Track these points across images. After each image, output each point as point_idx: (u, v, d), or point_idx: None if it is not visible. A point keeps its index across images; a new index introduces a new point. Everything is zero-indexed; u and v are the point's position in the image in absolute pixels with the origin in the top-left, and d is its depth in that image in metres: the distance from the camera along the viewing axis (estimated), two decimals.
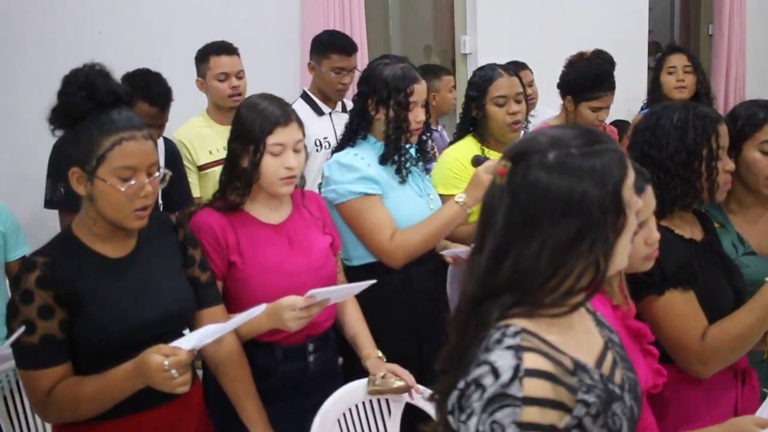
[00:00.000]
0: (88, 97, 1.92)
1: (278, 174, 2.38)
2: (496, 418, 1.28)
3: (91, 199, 1.97)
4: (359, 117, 2.86)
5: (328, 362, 2.59)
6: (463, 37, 5.78)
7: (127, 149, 1.92)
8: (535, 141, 1.42)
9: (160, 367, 1.79)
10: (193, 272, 2.21)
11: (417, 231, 2.75)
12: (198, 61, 3.79)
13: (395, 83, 2.74)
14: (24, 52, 3.93)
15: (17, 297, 1.93)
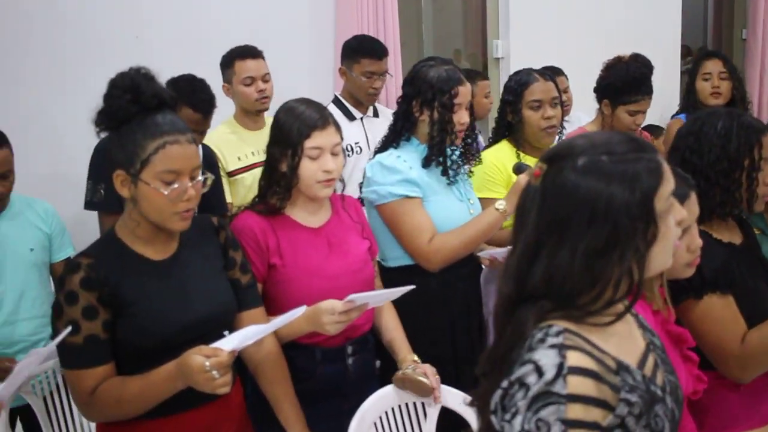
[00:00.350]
0: (133, 100, 1.94)
1: (316, 177, 2.39)
2: (541, 415, 1.29)
3: (134, 201, 1.99)
4: (403, 118, 2.87)
5: (366, 365, 2.60)
6: (495, 41, 5.77)
7: (171, 153, 1.93)
8: (571, 144, 1.44)
9: (201, 368, 1.80)
10: (234, 274, 2.23)
11: (456, 235, 2.76)
12: (223, 67, 3.78)
13: (440, 85, 2.75)
14: (63, 56, 3.98)
15: (62, 298, 1.95)
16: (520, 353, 1.37)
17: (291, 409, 2.28)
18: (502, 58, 5.75)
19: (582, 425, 1.30)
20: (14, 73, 3.84)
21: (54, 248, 3.19)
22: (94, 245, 2.11)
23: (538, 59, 4.12)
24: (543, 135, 3.16)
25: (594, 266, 1.37)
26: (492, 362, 1.44)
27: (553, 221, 1.40)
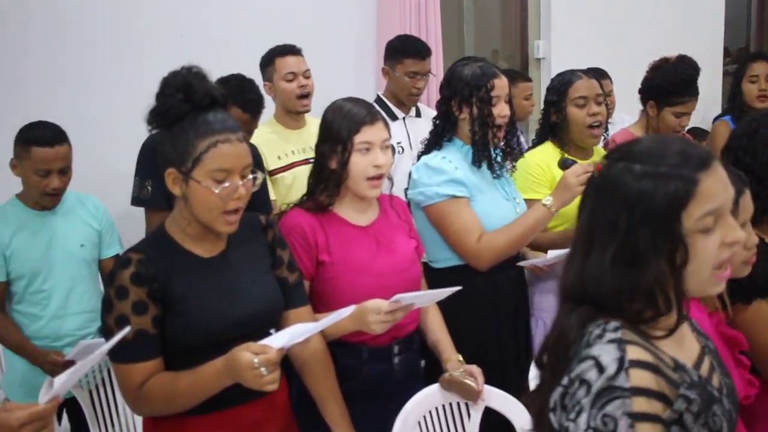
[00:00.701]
0: (185, 99, 1.95)
1: (367, 172, 2.40)
2: (607, 411, 1.29)
3: (185, 199, 2.00)
4: (444, 119, 2.89)
5: (412, 364, 2.60)
6: (536, 41, 5.76)
7: (222, 152, 1.94)
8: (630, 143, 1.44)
9: (250, 365, 1.80)
10: (282, 273, 2.23)
11: (503, 233, 2.77)
12: (263, 66, 3.79)
13: (475, 81, 2.78)
14: (110, 54, 4.03)
15: (112, 292, 1.96)
16: (577, 350, 1.36)
17: (336, 407, 2.27)
18: (543, 59, 5.73)
19: (647, 418, 1.29)
20: (63, 72, 3.89)
21: (103, 245, 3.24)
22: (144, 241, 2.13)
23: (579, 59, 4.10)
24: (588, 134, 3.13)
25: (622, 276, 1.36)
26: (549, 352, 1.45)
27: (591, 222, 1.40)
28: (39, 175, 2.95)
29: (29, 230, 3.04)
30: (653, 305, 1.38)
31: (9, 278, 3.03)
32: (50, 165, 2.95)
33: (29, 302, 3.06)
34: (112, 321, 1.95)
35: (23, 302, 3.06)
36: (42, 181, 2.95)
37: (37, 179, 2.95)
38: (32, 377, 3.01)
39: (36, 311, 3.06)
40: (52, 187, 2.97)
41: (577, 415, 1.31)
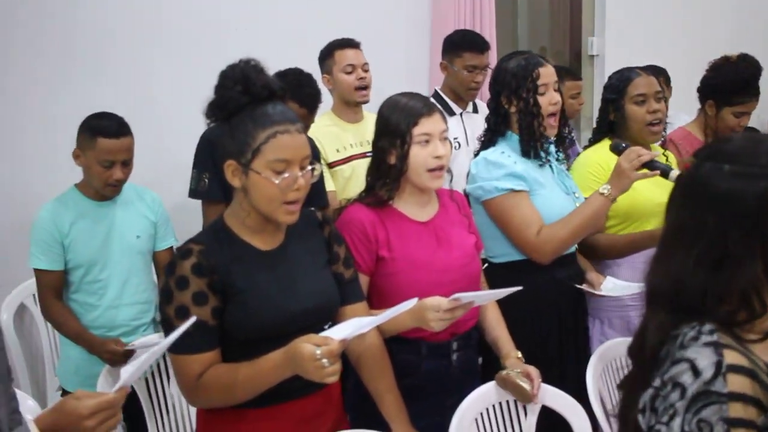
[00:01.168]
0: (244, 91, 1.95)
1: (427, 164, 2.39)
2: (703, 416, 1.27)
3: (245, 191, 2.01)
4: (495, 115, 2.90)
5: (470, 361, 2.60)
6: (590, 38, 5.71)
7: (282, 142, 1.94)
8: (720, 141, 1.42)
9: (312, 356, 1.80)
10: (338, 269, 2.24)
11: (563, 225, 2.76)
12: (322, 59, 3.82)
13: (520, 72, 2.80)
14: (166, 48, 4.06)
15: (172, 283, 1.97)
16: (670, 350, 1.34)
17: (394, 402, 2.27)
18: (596, 56, 5.68)
19: (743, 424, 1.27)
20: (122, 65, 3.93)
21: (158, 237, 3.27)
22: (203, 233, 2.14)
23: (635, 57, 4.05)
24: (648, 131, 3.09)
25: (711, 277, 1.34)
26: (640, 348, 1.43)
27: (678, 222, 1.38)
28: (103, 165, 2.98)
29: (88, 220, 3.08)
30: (747, 307, 1.36)
31: (67, 267, 3.07)
32: (114, 156, 2.98)
33: (86, 292, 3.09)
34: (171, 311, 1.96)
35: (80, 291, 3.10)
36: (105, 172, 2.99)
37: (100, 170, 2.99)
38: (87, 366, 3.05)
39: (92, 301, 3.09)
40: (114, 178, 3.00)
41: (670, 419, 1.29)
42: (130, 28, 3.95)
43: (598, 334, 3.13)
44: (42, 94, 3.74)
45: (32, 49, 3.71)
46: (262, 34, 4.23)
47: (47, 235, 3.02)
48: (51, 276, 3.05)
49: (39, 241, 3.03)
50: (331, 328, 1.93)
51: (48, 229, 3.02)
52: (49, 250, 3.02)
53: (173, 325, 1.94)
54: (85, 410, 1.58)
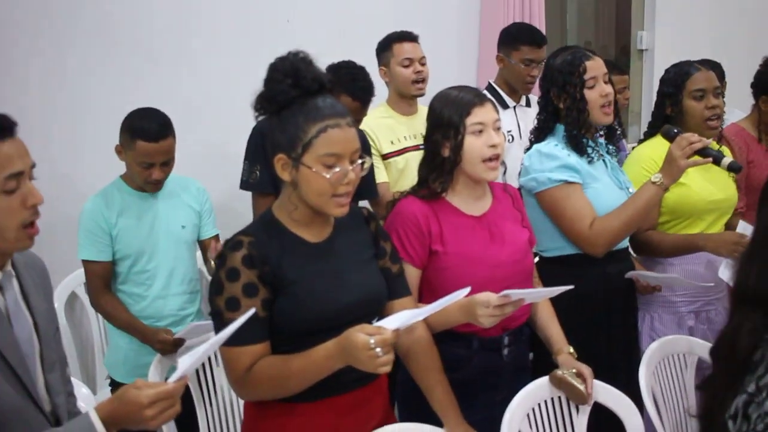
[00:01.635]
0: (294, 84, 1.94)
1: (483, 153, 2.37)
2: None
3: (294, 185, 2.00)
4: (544, 111, 2.91)
5: (520, 356, 2.58)
6: (639, 32, 5.66)
7: (333, 136, 1.94)
8: None
9: (366, 345, 1.79)
10: (385, 263, 2.23)
11: (616, 216, 2.73)
12: (380, 51, 3.83)
13: (566, 68, 2.80)
14: (217, 40, 4.08)
15: (223, 274, 1.97)
16: (765, 355, 1.31)
17: (444, 395, 2.25)
18: (645, 50, 5.61)
19: None
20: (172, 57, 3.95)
21: (203, 226, 3.28)
22: (253, 225, 2.14)
23: (686, 51, 4.00)
24: (706, 126, 3.06)
25: None
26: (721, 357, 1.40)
27: None
28: (142, 166, 2.99)
29: (134, 211, 3.10)
30: None
31: (114, 258, 3.09)
32: (153, 158, 2.98)
33: (134, 282, 3.12)
34: (222, 303, 1.97)
35: (128, 282, 3.12)
36: (144, 171, 3.00)
37: (139, 169, 3.00)
38: (136, 356, 3.09)
39: (140, 291, 3.12)
40: (153, 178, 3.01)
41: (765, 428, 1.26)
42: (180, 21, 3.98)
43: (648, 330, 3.11)
44: (92, 86, 3.77)
45: (86, 43, 3.75)
46: (312, 26, 4.25)
47: (95, 226, 3.04)
48: (99, 267, 3.07)
49: (87, 233, 3.05)
50: (380, 320, 1.91)
51: (95, 220, 3.04)
52: (97, 241, 3.04)
53: (224, 316, 1.96)
54: (145, 399, 1.60)
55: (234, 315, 1.91)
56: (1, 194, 1.68)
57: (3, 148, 1.69)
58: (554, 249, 2.83)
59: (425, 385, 2.27)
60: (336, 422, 2.09)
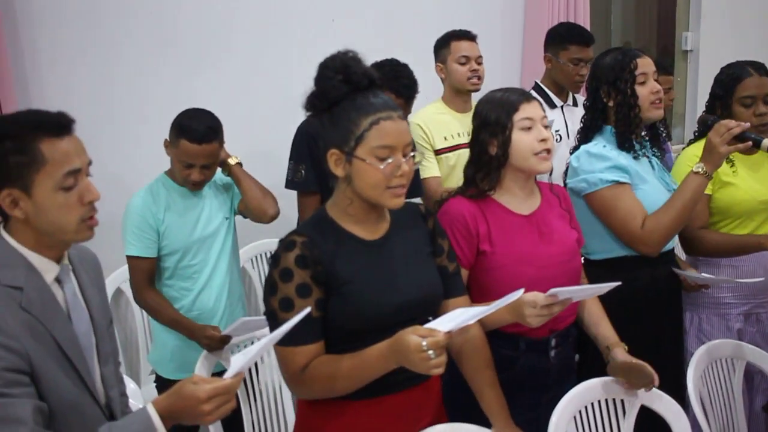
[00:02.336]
0: (345, 80, 1.95)
1: (533, 148, 2.36)
2: None
3: (348, 180, 2.00)
4: (592, 110, 2.90)
5: (567, 358, 2.57)
6: (684, 33, 5.60)
7: (385, 129, 1.94)
8: None
9: (418, 347, 1.78)
10: (442, 261, 2.22)
11: (665, 212, 2.72)
12: (438, 48, 3.86)
13: (618, 64, 2.81)
14: (263, 39, 4.10)
15: (277, 275, 1.97)
16: None
17: (495, 397, 2.24)
18: (691, 51, 5.56)
19: None
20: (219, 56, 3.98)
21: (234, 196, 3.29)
22: (306, 224, 2.14)
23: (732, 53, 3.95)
24: None
25: None
26: None
27: None
28: (182, 165, 3.01)
29: (179, 206, 3.12)
30: None
31: (161, 254, 3.11)
32: (194, 160, 3.00)
33: (181, 277, 3.14)
34: (276, 303, 1.97)
35: (175, 277, 3.14)
36: (185, 170, 3.02)
37: (180, 167, 3.03)
38: (182, 352, 3.11)
39: (187, 286, 3.14)
40: (192, 179, 3.04)
41: None
42: (225, 21, 4.00)
43: (696, 331, 3.09)
44: (139, 84, 3.81)
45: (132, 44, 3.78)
46: (357, 25, 4.26)
47: (142, 223, 3.06)
48: (145, 263, 3.09)
49: (134, 229, 3.07)
50: (434, 320, 1.90)
51: (143, 216, 3.06)
52: (143, 237, 3.06)
53: (277, 316, 1.96)
54: (203, 394, 1.61)
55: (288, 315, 1.92)
56: (60, 191, 1.72)
57: (61, 145, 1.73)
58: (602, 252, 2.81)
59: (475, 385, 2.27)
60: (388, 421, 2.09)
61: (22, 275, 1.73)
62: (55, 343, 1.73)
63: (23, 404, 1.61)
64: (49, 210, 1.72)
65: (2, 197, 1.71)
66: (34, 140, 1.69)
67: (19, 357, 1.64)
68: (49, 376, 1.70)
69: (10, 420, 1.59)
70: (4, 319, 1.65)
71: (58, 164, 1.71)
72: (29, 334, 1.68)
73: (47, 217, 1.73)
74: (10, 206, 1.72)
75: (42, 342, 1.70)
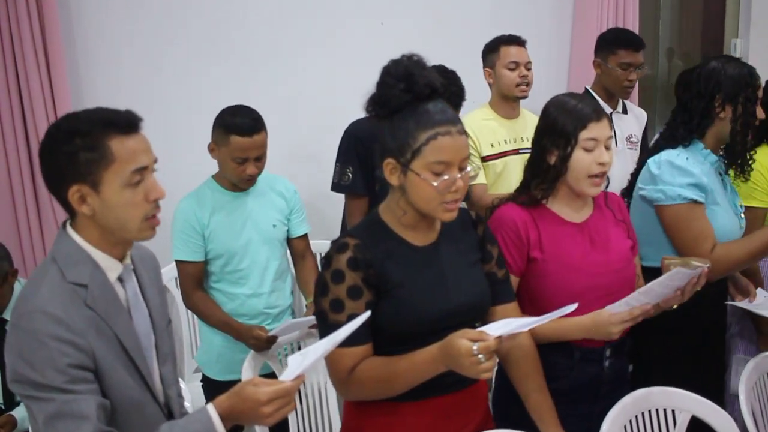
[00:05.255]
0: (406, 89, 1.93)
1: (590, 170, 2.33)
2: None
3: (402, 189, 2.00)
4: (701, 116, 2.75)
5: (621, 368, 2.55)
6: (733, 40, 5.54)
7: (442, 144, 1.92)
8: None
9: (468, 351, 1.78)
10: (491, 268, 2.21)
11: (741, 246, 2.68)
12: (487, 52, 3.81)
13: (743, 79, 2.70)
14: (310, 42, 4.12)
15: (328, 276, 1.98)
16: None
17: (543, 402, 2.23)
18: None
19: None
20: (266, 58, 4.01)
21: (292, 225, 3.29)
22: (359, 227, 2.15)
23: None
24: None
25: None
26: None
27: None
28: (236, 162, 3.01)
29: (226, 211, 3.12)
30: None
31: (207, 258, 3.12)
32: (247, 153, 3.00)
33: (227, 281, 3.15)
34: (327, 304, 1.98)
35: (222, 281, 3.16)
36: (238, 167, 3.02)
37: (234, 165, 3.02)
38: (229, 354, 3.12)
39: (234, 290, 3.15)
40: (248, 173, 3.04)
41: None
42: (273, 23, 4.03)
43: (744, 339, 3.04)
44: (185, 87, 3.86)
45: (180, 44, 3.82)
46: (405, 29, 4.27)
47: (188, 227, 3.08)
48: (192, 267, 3.11)
49: (180, 233, 3.09)
50: (483, 326, 1.89)
51: (188, 220, 3.08)
52: (190, 241, 3.08)
53: (327, 317, 1.97)
54: (263, 396, 1.63)
55: (338, 317, 1.94)
56: (127, 187, 1.74)
57: (129, 143, 1.75)
58: (654, 260, 2.72)
59: (523, 391, 2.26)
60: (435, 423, 2.09)
61: (87, 272, 1.75)
62: (118, 341, 1.76)
63: (87, 400, 1.64)
64: (116, 206, 1.74)
65: (71, 193, 1.73)
66: (103, 137, 1.72)
67: (85, 354, 1.67)
68: (112, 373, 1.73)
69: (74, 416, 1.61)
70: (70, 316, 1.68)
71: (126, 161, 1.73)
72: (94, 331, 1.71)
73: (114, 214, 1.75)
74: (78, 202, 1.74)
75: (106, 339, 1.73)
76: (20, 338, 1.66)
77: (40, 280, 1.73)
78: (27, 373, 1.63)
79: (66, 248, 1.78)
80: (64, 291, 1.71)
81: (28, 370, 1.63)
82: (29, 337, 1.64)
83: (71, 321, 1.67)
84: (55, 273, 1.73)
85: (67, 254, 1.77)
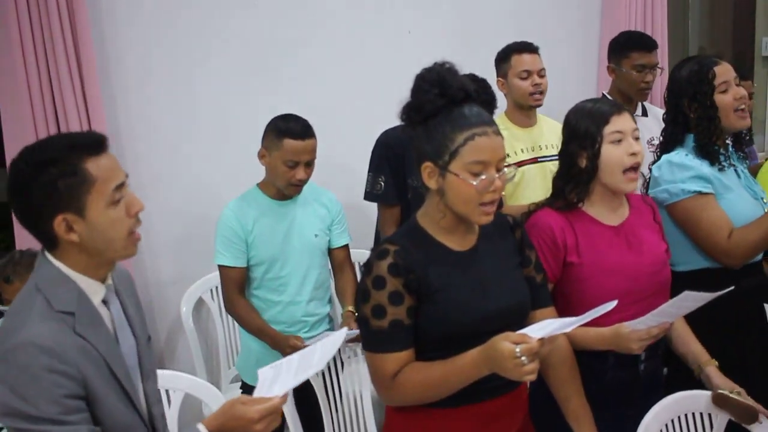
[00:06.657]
0: (441, 94, 1.96)
1: (623, 162, 2.35)
2: None
3: (441, 193, 2.01)
4: (674, 123, 2.85)
5: (656, 371, 2.54)
6: (764, 38, 5.51)
7: (480, 145, 1.95)
8: None
9: (511, 354, 1.79)
10: (530, 272, 2.23)
11: (756, 228, 2.67)
12: (499, 61, 3.74)
13: (694, 76, 2.76)
14: (339, 51, 4.14)
15: (369, 282, 2.00)
16: None
17: (580, 407, 2.24)
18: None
19: None
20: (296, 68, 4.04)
21: (333, 236, 3.34)
22: (399, 233, 2.18)
23: None
24: None
25: None
26: None
27: None
28: (287, 165, 3.06)
29: (269, 218, 3.18)
30: None
31: (249, 264, 3.17)
32: (299, 157, 3.06)
33: (267, 288, 3.20)
34: (368, 310, 2.00)
35: (262, 288, 3.21)
36: (289, 171, 3.07)
37: (285, 169, 3.07)
38: (267, 359, 3.09)
39: (273, 297, 3.20)
40: (298, 178, 3.08)
41: None
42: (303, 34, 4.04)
43: None
44: (226, 98, 3.89)
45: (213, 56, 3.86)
46: (434, 37, 4.28)
47: (231, 233, 3.13)
48: (235, 272, 3.16)
49: (223, 239, 3.15)
50: (524, 329, 1.90)
51: (232, 227, 3.13)
52: (233, 247, 3.14)
53: (370, 323, 2.00)
54: (256, 414, 1.71)
55: (380, 323, 1.97)
56: (111, 206, 1.74)
57: (103, 162, 1.74)
58: (685, 263, 2.76)
59: (561, 395, 2.27)
60: (476, 428, 2.11)
61: (74, 299, 1.74)
62: (107, 366, 1.75)
63: (81, 431, 1.64)
64: (103, 228, 1.73)
65: (57, 224, 1.71)
66: (78, 161, 1.70)
67: (77, 382, 1.66)
68: (103, 399, 1.73)
69: None
70: (61, 346, 1.66)
71: (105, 181, 1.72)
72: (84, 358, 1.70)
73: (102, 236, 1.74)
74: (65, 231, 1.71)
75: (96, 366, 1.73)
76: (11, 372, 1.62)
77: (28, 310, 1.70)
78: (19, 406, 1.60)
79: (49, 275, 1.76)
80: (53, 320, 1.69)
81: (20, 403, 1.60)
82: (20, 371, 1.62)
83: (62, 351, 1.65)
84: (42, 302, 1.71)
85: (51, 282, 1.75)
